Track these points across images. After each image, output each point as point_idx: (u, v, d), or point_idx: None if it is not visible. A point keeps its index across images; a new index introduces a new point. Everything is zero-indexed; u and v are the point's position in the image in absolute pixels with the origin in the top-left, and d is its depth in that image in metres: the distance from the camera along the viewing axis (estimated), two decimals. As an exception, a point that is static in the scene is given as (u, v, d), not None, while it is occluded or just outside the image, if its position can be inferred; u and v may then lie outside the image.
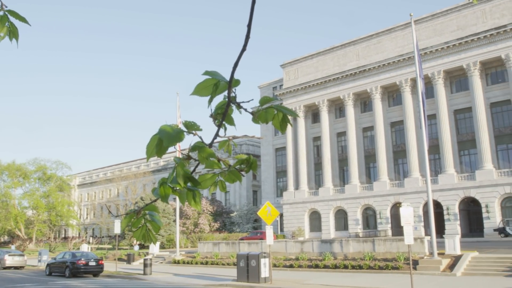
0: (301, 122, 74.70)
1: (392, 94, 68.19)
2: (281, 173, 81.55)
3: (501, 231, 50.88)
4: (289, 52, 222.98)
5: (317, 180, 74.37)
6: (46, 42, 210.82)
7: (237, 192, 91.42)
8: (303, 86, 74.28)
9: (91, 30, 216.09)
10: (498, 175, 55.03)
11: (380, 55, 66.72)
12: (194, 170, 1.80)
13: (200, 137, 1.68)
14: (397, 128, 67.04)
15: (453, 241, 30.29)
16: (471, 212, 59.08)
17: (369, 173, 69.12)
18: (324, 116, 72.33)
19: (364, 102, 71.34)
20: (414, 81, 61.09)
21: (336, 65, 71.55)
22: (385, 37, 66.99)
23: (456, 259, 28.49)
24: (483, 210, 55.05)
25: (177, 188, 1.75)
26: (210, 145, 1.67)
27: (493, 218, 54.03)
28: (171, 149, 1.72)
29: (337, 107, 74.22)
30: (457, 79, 62.30)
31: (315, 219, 71.28)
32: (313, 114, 76.91)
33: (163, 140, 1.55)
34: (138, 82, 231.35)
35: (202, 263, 41.18)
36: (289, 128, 74.88)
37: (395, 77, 64.92)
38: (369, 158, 69.08)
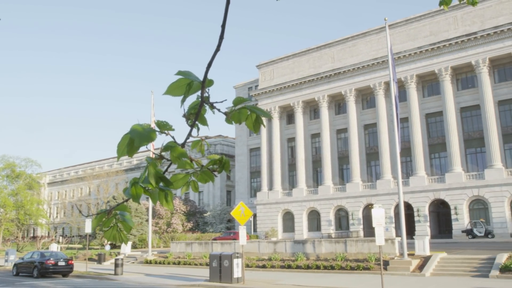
0: (276, 123, 74.95)
1: (366, 97, 69.11)
2: (255, 173, 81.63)
3: (469, 232, 52.16)
4: (265, 52, 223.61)
5: (291, 181, 74.75)
6: (14, 42, 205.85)
7: (210, 192, 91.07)
8: (278, 87, 74.55)
9: (62, 29, 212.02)
10: (466, 178, 56.37)
11: (355, 58, 67.53)
12: (166, 170, 1.78)
13: (173, 137, 1.66)
14: (370, 130, 67.95)
15: (423, 242, 30.89)
16: (441, 213, 60.39)
17: (342, 174, 69.85)
18: (299, 117, 72.76)
19: (338, 104, 72.08)
20: (387, 84, 62.06)
21: (312, 67, 72.08)
22: (360, 40, 67.85)
23: (426, 260, 29.05)
24: (452, 212, 56.32)
25: (149, 188, 1.73)
26: (183, 145, 1.66)
27: (461, 220, 55.33)
28: (145, 148, 1.70)
29: (312, 109, 74.77)
30: (429, 84, 63.57)
31: (288, 219, 71.62)
32: (288, 115, 77.28)
33: (134, 140, 1.53)
34: (111, 81, 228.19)
35: (174, 263, 40.88)
36: (263, 129, 75.11)
37: (369, 80, 65.82)
38: (342, 160, 69.81)
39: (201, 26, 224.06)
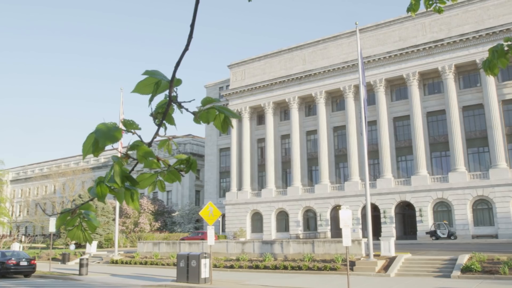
0: (246, 123, 74.97)
1: (336, 100, 69.93)
2: (224, 173, 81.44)
3: (433, 234, 53.48)
4: (237, 53, 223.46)
5: (260, 182, 74.91)
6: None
7: (179, 192, 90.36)
8: (249, 87, 74.63)
9: (29, 28, 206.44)
10: (431, 181, 57.76)
11: (325, 61, 68.24)
12: (132, 169, 1.76)
13: (139, 136, 1.64)
14: (339, 132, 68.79)
15: (388, 243, 31.47)
16: (406, 215, 61.68)
17: (311, 176, 70.46)
18: (269, 118, 73.02)
19: (308, 106, 72.68)
20: (357, 87, 63.04)
21: (283, 68, 72.45)
22: (331, 43, 68.61)
23: (391, 261, 29.62)
24: (417, 214, 57.60)
25: (115, 187, 1.70)
26: (150, 144, 1.64)
27: (426, 221, 56.65)
28: (112, 146, 1.68)
29: (282, 110, 75.15)
30: (397, 88, 64.84)
31: (257, 220, 71.76)
32: (259, 116, 77.44)
33: (99, 140, 1.50)
34: (81, 81, 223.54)
35: (141, 263, 40.38)
36: (234, 129, 75.07)
37: (339, 83, 66.62)
38: (311, 161, 70.41)
39: (172, 26, 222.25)
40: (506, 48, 3.65)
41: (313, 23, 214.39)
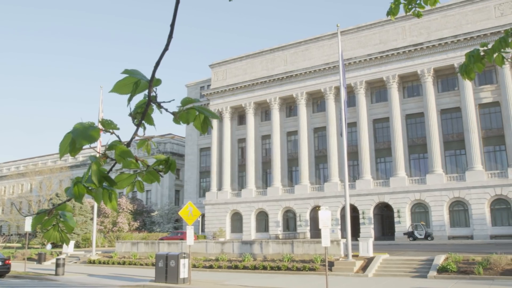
0: (227, 123, 74.85)
1: (317, 101, 70.32)
2: (205, 173, 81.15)
3: (410, 234, 54.22)
4: (219, 52, 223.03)
5: (240, 182, 74.86)
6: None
7: (159, 191, 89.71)
8: (230, 87, 74.52)
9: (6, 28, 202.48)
10: (409, 183, 58.54)
11: (307, 62, 68.57)
12: (111, 169, 1.74)
13: (118, 136, 1.63)
14: (319, 133, 69.19)
15: (367, 244, 31.79)
16: (384, 216, 62.39)
17: (291, 176, 70.70)
18: (250, 118, 73.04)
19: (289, 107, 72.92)
20: (337, 89, 63.53)
21: (265, 68, 72.55)
22: (313, 45, 68.97)
23: (369, 261, 29.92)
24: (395, 215, 58.32)
25: (92, 187, 1.68)
26: (128, 144, 1.63)
27: (404, 222, 57.39)
28: (89, 145, 1.65)
29: (263, 110, 75.24)
30: (377, 90, 65.52)
31: (237, 220, 71.70)
32: (239, 116, 77.38)
33: (76, 140, 1.48)
34: (61, 81, 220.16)
35: (119, 263, 39.96)
36: (214, 129, 74.88)
37: (320, 84, 67.01)
38: (292, 162, 70.65)
39: (154, 26, 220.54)
40: (482, 53, 3.72)
41: (295, 24, 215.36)
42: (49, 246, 54.03)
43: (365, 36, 64.62)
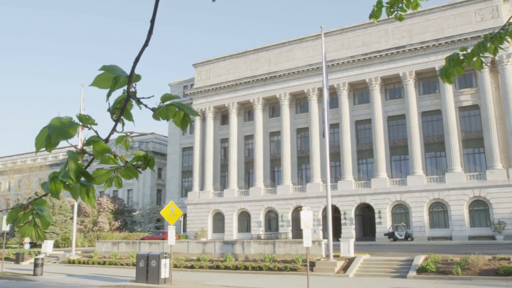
0: (210, 123, 74.68)
1: (300, 102, 70.58)
2: (187, 173, 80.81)
3: (391, 235, 54.80)
4: (202, 53, 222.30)
5: (222, 182, 74.72)
6: None
7: (140, 191, 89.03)
8: (214, 87, 74.35)
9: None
10: (390, 184, 59.16)
11: (291, 63, 68.79)
12: (88, 165, 1.72)
13: (96, 131, 1.61)
14: (302, 134, 69.45)
15: (348, 244, 32.02)
16: (365, 217, 62.93)
17: (274, 176, 70.82)
18: (233, 118, 72.98)
19: (272, 107, 73.06)
20: (320, 90, 63.86)
21: (248, 69, 72.56)
22: (297, 46, 69.23)
23: (350, 261, 30.15)
24: (376, 215, 58.87)
25: (70, 183, 1.66)
26: (107, 140, 1.61)
27: (385, 223, 57.97)
28: (71, 141, 1.63)
29: (247, 111, 75.23)
30: (360, 92, 66.06)
31: (219, 220, 71.55)
32: (223, 116, 77.25)
33: (52, 135, 1.46)
34: (42, 81, 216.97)
35: (99, 263, 39.53)
36: (197, 129, 74.65)
37: (303, 85, 67.28)
38: (274, 162, 70.78)
39: (138, 26, 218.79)
40: (461, 57, 3.78)
41: (278, 25, 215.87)
42: (27, 246, 53.20)
43: (348, 38, 65.11)
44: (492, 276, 24.36)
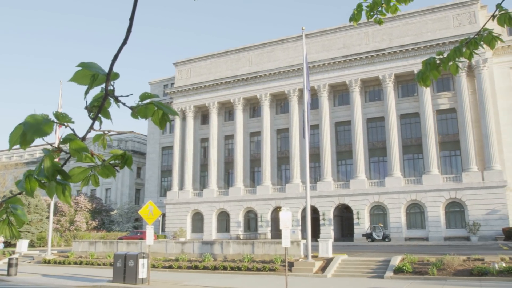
0: (190, 122, 74.35)
1: (280, 102, 70.79)
2: (166, 172, 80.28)
3: (368, 236, 55.37)
4: (184, 53, 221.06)
5: (202, 182, 74.45)
6: None
7: (119, 190, 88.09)
8: (194, 86, 74.03)
9: None
10: (369, 185, 59.78)
11: (272, 64, 68.95)
12: (65, 163, 1.70)
13: (73, 129, 1.59)
14: (282, 135, 69.66)
15: (326, 245, 32.24)
16: (344, 218, 63.43)
17: (254, 177, 70.87)
18: (214, 118, 72.79)
19: (253, 108, 73.11)
20: (301, 91, 64.15)
21: (229, 69, 72.48)
22: (278, 46, 69.43)
23: (328, 262, 30.35)
24: (355, 216, 59.41)
25: (45, 181, 1.64)
26: (84, 138, 1.60)
27: (363, 224, 58.54)
28: (48, 139, 1.61)
29: (227, 110, 75.13)
30: (340, 94, 66.59)
31: (198, 220, 71.27)
32: (203, 116, 76.99)
33: (27, 133, 1.43)
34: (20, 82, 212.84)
35: (76, 263, 38.98)
36: (177, 128, 74.22)
37: (284, 86, 67.49)
38: (254, 163, 70.83)
39: (118, 26, 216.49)
40: (438, 62, 3.85)
41: (260, 25, 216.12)
42: (1, 245, 52.15)
43: (329, 40, 65.57)
44: (466, 276, 24.82)
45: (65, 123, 1.57)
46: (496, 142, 54.60)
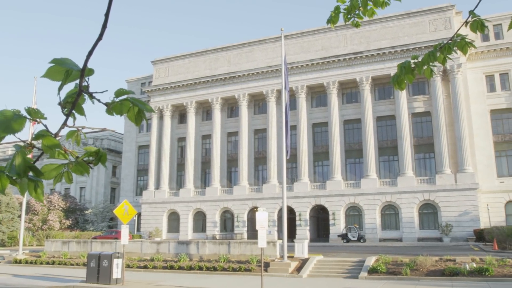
0: (167, 121, 73.82)
1: (258, 103, 70.88)
2: (142, 171, 79.51)
3: (344, 237, 55.89)
4: (162, 52, 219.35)
5: (178, 181, 73.99)
6: None
7: (93, 189, 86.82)
8: (172, 85, 73.54)
9: None
10: (345, 186, 60.35)
11: (250, 64, 68.98)
12: (37, 159, 1.68)
13: (45, 125, 1.57)
14: (260, 135, 69.75)
15: (302, 245, 32.41)
16: (320, 218, 63.90)
17: (230, 177, 70.76)
18: (191, 117, 72.43)
19: (231, 108, 73.01)
20: (279, 92, 64.38)
21: (208, 68, 72.23)
22: (257, 47, 69.51)
23: (304, 262, 30.52)
24: (331, 217, 59.90)
25: (17, 178, 1.61)
26: (56, 134, 1.58)
27: (338, 225, 59.07)
28: (20, 135, 1.58)
29: (205, 110, 74.86)
30: (318, 95, 67.05)
31: (174, 220, 70.81)
32: (180, 115, 76.53)
33: (-5, 130, 1.39)
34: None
35: (48, 263, 38.26)
36: (154, 127, 73.59)
37: (262, 86, 67.61)
38: (231, 163, 70.73)
39: (94, 26, 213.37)
40: (413, 65, 3.92)
41: (239, 26, 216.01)
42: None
43: (308, 41, 65.97)
44: (438, 276, 25.30)
45: (38, 119, 1.54)
46: (469, 145, 55.80)
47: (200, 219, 69.33)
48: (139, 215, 71.50)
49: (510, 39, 58.78)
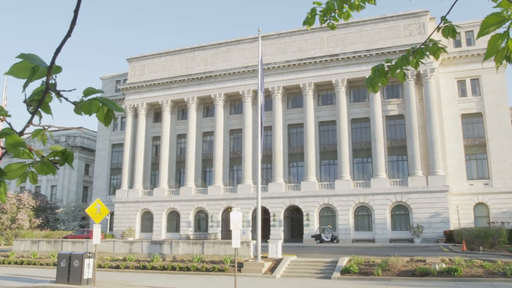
0: (142, 120, 73.06)
1: (234, 103, 70.81)
2: (116, 170, 78.47)
3: (317, 237, 56.31)
4: (138, 51, 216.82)
5: (152, 180, 73.29)
6: None
7: (65, 187, 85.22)
8: (148, 83, 72.82)
9: None
10: (319, 187, 60.81)
11: (227, 64, 68.85)
12: (0, 158, 1.62)
13: (9, 124, 1.52)
14: (235, 135, 69.68)
15: (276, 246, 32.51)
16: (294, 219, 64.22)
17: (205, 177, 70.47)
18: (166, 116, 71.86)
19: (207, 107, 72.73)
20: (255, 92, 64.43)
21: (184, 67, 71.78)
22: (234, 47, 69.42)
23: (277, 262, 30.62)
24: (304, 218, 60.27)
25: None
26: (21, 133, 1.53)
27: (312, 225, 59.49)
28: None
29: (180, 109, 74.37)
30: (294, 96, 67.39)
31: (147, 219, 70.12)
32: (156, 113, 75.85)
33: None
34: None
35: (16, 263, 37.36)
36: (128, 125, 72.73)
37: (238, 86, 67.57)
38: (206, 162, 70.44)
39: (65, 25, 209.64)
40: (386, 69, 3.96)
41: (216, 26, 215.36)
42: None
43: (285, 42, 66.23)
44: (409, 276, 25.74)
45: (1, 117, 1.49)
46: (441, 148, 56.93)
47: (174, 219, 68.83)
48: (112, 214, 70.55)
49: (481, 45, 60.25)
